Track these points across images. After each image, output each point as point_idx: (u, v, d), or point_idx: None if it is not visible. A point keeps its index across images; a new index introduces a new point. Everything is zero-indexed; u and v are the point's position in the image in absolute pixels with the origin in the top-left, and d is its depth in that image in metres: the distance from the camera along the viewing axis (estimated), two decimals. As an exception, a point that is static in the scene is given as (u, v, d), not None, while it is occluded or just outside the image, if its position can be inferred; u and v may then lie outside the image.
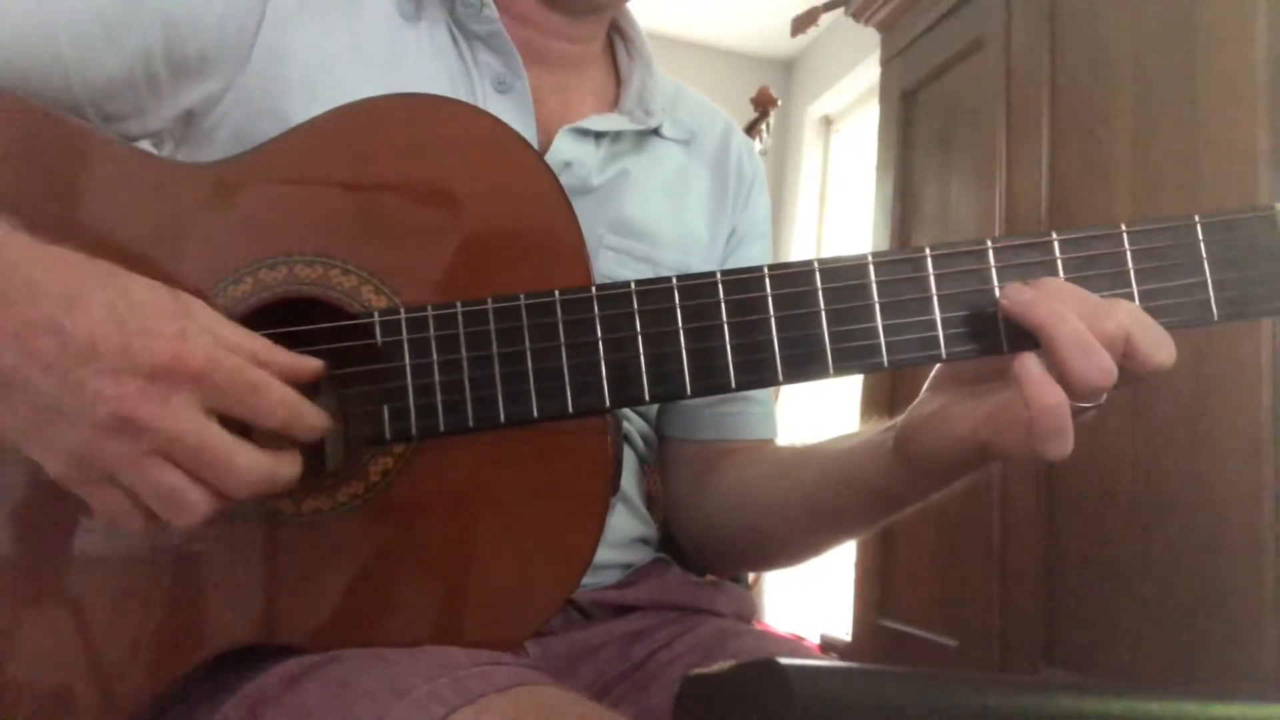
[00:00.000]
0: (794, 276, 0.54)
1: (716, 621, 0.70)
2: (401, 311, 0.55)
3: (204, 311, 0.50)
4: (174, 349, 0.47)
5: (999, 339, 0.53)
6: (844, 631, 1.82)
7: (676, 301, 0.54)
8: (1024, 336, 0.51)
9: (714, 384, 0.54)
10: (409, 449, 0.55)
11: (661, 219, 0.75)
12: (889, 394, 1.62)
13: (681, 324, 0.54)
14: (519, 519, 0.55)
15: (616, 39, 0.81)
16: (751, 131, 2.66)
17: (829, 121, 3.88)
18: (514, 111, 0.68)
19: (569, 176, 0.69)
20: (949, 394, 0.56)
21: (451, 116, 0.59)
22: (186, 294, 0.50)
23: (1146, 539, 1.08)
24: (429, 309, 0.55)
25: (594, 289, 0.55)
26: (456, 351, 0.54)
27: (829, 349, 0.53)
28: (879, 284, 0.53)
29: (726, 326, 0.54)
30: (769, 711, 0.32)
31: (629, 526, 0.73)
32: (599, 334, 0.54)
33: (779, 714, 0.32)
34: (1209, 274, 0.52)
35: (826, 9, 2.38)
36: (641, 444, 0.76)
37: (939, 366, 0.58)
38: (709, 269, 0.57)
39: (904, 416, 0.58)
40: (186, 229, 0.57)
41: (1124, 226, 0.53)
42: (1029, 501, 1.27)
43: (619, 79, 0.80)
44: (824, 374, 0.54)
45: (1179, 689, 0.37)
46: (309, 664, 0.51)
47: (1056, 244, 0.53)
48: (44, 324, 0.46)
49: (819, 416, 3.05)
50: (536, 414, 0.54)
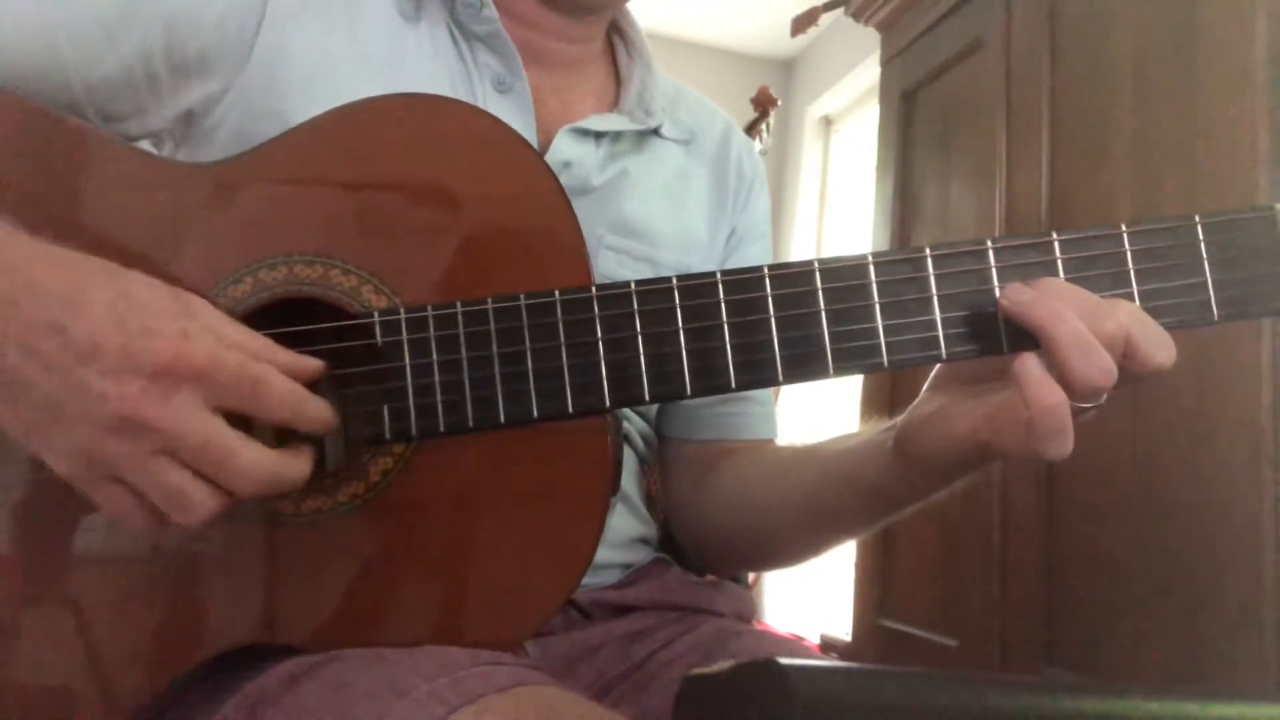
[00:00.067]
0: (794, 276, 0.54)
1: (716, 621, 0.70)
2: (401, 311, 0.55)
3: (206, 310, 0.50)
4: (176, 348, 0.47)
5: (999, 339, 0.53)
6: (844, 631, 1.82)
7: (676, 301, 0.54)
8: (1024, 336, 0.51)
9: (714, 384, 0.54)
10: (409, 449, 0.55)
11: (661, 219, 0.75)
12: (889, 394, 1.62)
13: (681, 324, 0.54)
14: (519, 519, 0.55)
15: (616, 39, 0.81)
16: (751, 131, 2.66)
17: (829, 121, 3.88)
18: (514, 112, 0.68)
19: (569, 176, 0.69)
20: (949, 394, 0.56)
21: (451, 116, 0.59)
22: (188, 293, 0.50)
23: (1146, 539, 1.08)
24: (429, 309, 0.55)
25: (594, 289, 0.55)
26: (456, 351, 0.54)
27: (829, 349, 0.53)
28: (879, 284, 0.53)
29: (726, 326, 0.54)
30: (769, 711, 0.32)
31: (629, 526, 0.73)
32: (599, 334, 0.54)
33: (779, 714, 0.32)
34: (1209, 274, 0.52)
35: (826, 9, 2.38)
36: (641, 444, 0.76)
37: (939, 366, 0.58)
38: (709, 269, 0.57)
39: (904, 416, 0.58)
40: (186, 229, 0.57)
41: (1124, 226, 0.53)
42: (1029, 501, 1.27)
43: (619, 79, 0.79)
44: (824, 374, 0.54)
45: (1179, 689, 0.37)
46: (309, 664, 0.51)
47: (1056, 244, 0.53)
48: (45, 325, 0.46)
49: (819, 416, 3.05)
50: (536, 414, 0.54)
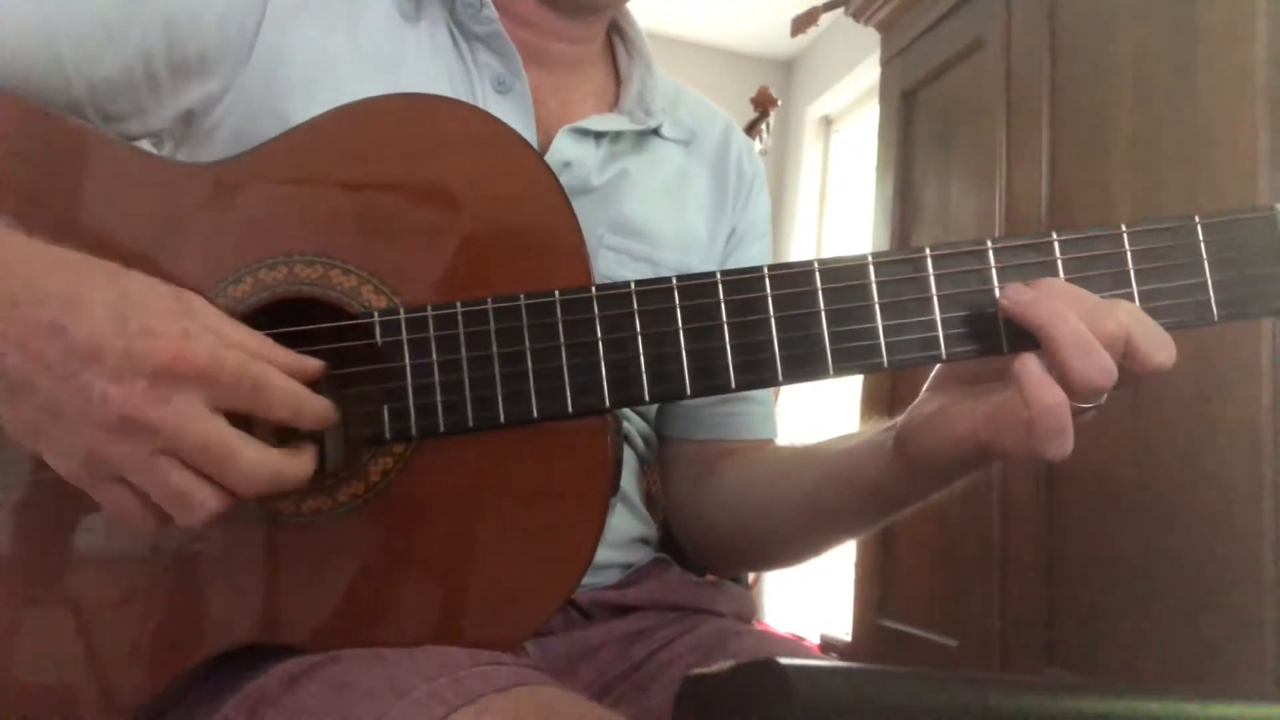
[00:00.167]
0: (794, 276, 0.54)
1: (716, 621, 0.70)
2: (401, 311, 0.55)
3: (206, 310, 0.50)
4: (177, 348, 0.47)
5: (999, 339, 0.53)
6: (844, 631, 1.82)
7: (676, 301, 0.54)
8: (1024, 337, 0.51)
9: (714, 384, 0.54)
10: (409, 449, 0.55)
11: (661, 219, 0.75)
12: (889, 394, 1.62)
13: (681, 324, 0.54)
14: (519, 519, 0.55)
15: (616, 39, 0.81)
16: (751, 131, 2.66)
17: (829, 121, 3.88)
18: (514, 112, 0.68)
19: (569, 176, 0.69)
20: (949, 394, 0.56)
21: (451, 116, 0.59)
22: (188, 292, 0.50)
23: (1146, 539, 1.08)
24: (429, 309, 0.55)
25: (594, 289, 0.55)
26: (456, 351, 0.54)
27: (829, 349, 0.53)
28: (879, 284, 0.53)
29: (726, 326, 0.54)
30: (769, 711, 0.32)
31: (629, 526, 0.73)
32: (599, 334, 0.54)
33: (779, 714, 0.32)
34: (1209, 274, 0.52)
35: (826, 9, 2.38)
36: (641, 444, 0.76)
37: (939, 366, 0.58)
38: (709, 269, 0.57)
39: (904, 416, 0.58)
40: (186, 229, 0.57)
41: (1124, 226, 0.53)
42: (1029, 501, 1.27)
43: (619, 79, 0.79)
44: (824, 374, 0.54)
45: (1179, 689, 0.37)
46: (309, 664, 0.51)
47: (1056, 244, 0.53)
48: (46, 326, 0.46)
49: (819, 416, 3.04)
50: (536, 414, 0.54)
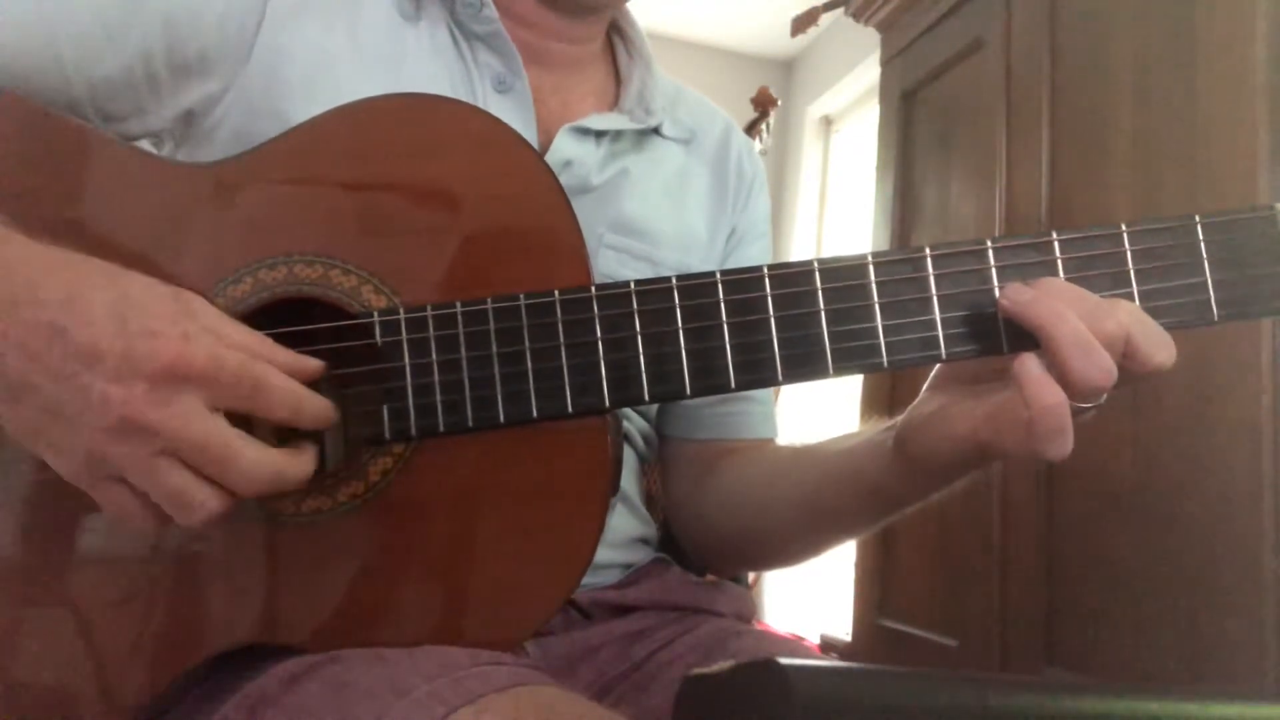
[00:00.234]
0: (794, 276, 0.54)
1: (716, 621, 0.70)
2: (401, 311, 0.55)
3: (206, 310, 0.50)
4: (177, 350, 0.47)
5: (999, 339, 0.53)
6: (844, 631, 1.82)
7: (676, 301, 0.54)
8: (1024, 336, 0.51)
9: (714, 384, 0.54)
10: (408, 449, 0.55)
11: (662, 218, 0.75)
12: (889, 394, 1.62)
13: (681, 324, 0.54)
14: (519, 519, 0.55)
15: (616, 39, 0.81)
16: (751, 131, 2.66)
17: (829, 121, 3.88)
18: (514, 111, 0.68)
19: (569, 175, 0.69)
20: (949, 394, 0.56)
21: (451, 116, 0.59)
22: (188, 292, 0.50)
23: (1146, 538, 1.08)
24: (428, 309, 0.55)
25: (593, 289, 0.55)
26: (456, 351, 0.54)
27: (829, 349, 0.53)
28: (879, 284, 0.53)
29: (726, 326, 0.54)
30: (769, 711, 0.32)
31: (629, 526, 0.73)
32: (598, 334, 0.54)
33: (779, 714, 0.32)
34: (1209, 274, 0.52)
35: (826, 9, 2.38)
36: (642, 443, 0.76)
37: (939, 366, 0.58)
38: (709, 269, 0.57)
39: (904, 416, 0.58)
40: (186, 229, 0.57)
41: (1124, 226, 0.53)
42: (1029, 501, 1.27)
43: (619, 79, 0.79)
44: (824, 374, 0.54)
45: (1179, 689, 0.37)
46: (309, 664, 0.51)
47: (1056, 244, 0.53)
48: (46, 327, 0.46)
49: (819, 416, 3.04)
50: (536, 414, 0.54)
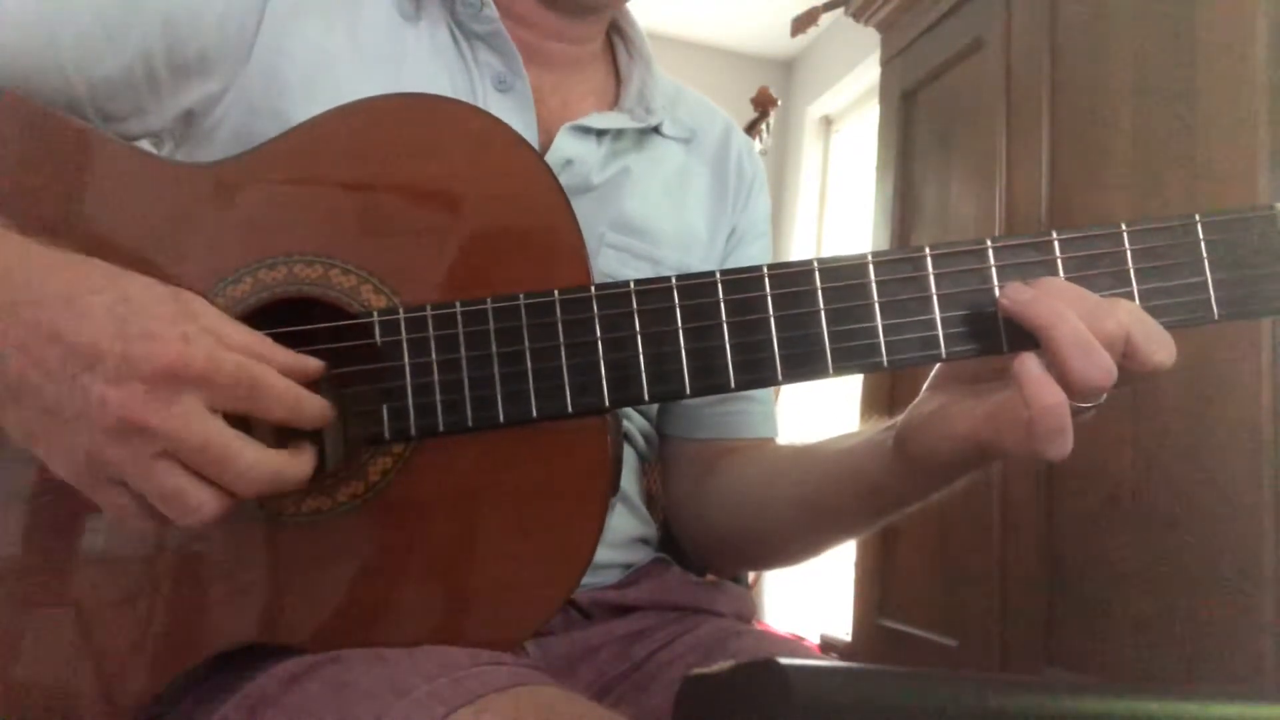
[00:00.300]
0: (793, 276, 0.54)
1: (716, 621, 0.70)
2: (400, 311, 0.55)
3: (205, 311, 0.50)
4: (176, 352, 0.47)
5: (999, 339, 0.53)
6: (844, 631, 1.82)
7: (676, 301, 0.54)
8: (1024, 336, 0.51)
9: (713, 384, 0.54)
10: (408, 449, 0.55)
11: (662, 217, 0.75)
12: (889, 394, 1.62)
13: (681, 324, 0.54)
14: (518, 519, 0.55)
15: (616, 39, 0.81)
16: (751, 131, 2.66)
17: (829, 121, 3.88)
18: (514, 110, 0.68)
19: (570, 174, 0.69)
20: (949, 393, 0.56)
21: (451, 116, 0.59)
22: (187, 293, 0.50)
23: (1146, 539, 1.08)
24: (428, 309, 0.55)
25: (593, 289, 0.55)
26: (455, 351, 0.54)
27: (828, 349, 0.53)
28: (879, 284, 0.53)
29: (726, 326, 0.54)
30: (769, 711, 0.32)
31: (629, 526, 0.73)
32: (598, 334, 0.54)
33: (779, 714, 0.32)
34: (1209, 273, 0.52)
35: (826, 9, 2.38)
36: (642, 442, 0.76)
37: (939, 366, 0.58)
38: (709, 268, 0.57)
39: (904, 416, 0.58)
40: (186, 229, 0.57)
41: (1124, 226, 0.53)
42: (1029, 501, 1.27)
43: (619, 78, 0.79)
44: (824, 374, 0.54)
45: (1179, 689, 0.37)
46: (309, 664, 0.51)
47: (1056, 244, 0.53)
48: (46, 330, 0.46)
49: (819, 416, 3.04)
50: (535, 414, 0.54)
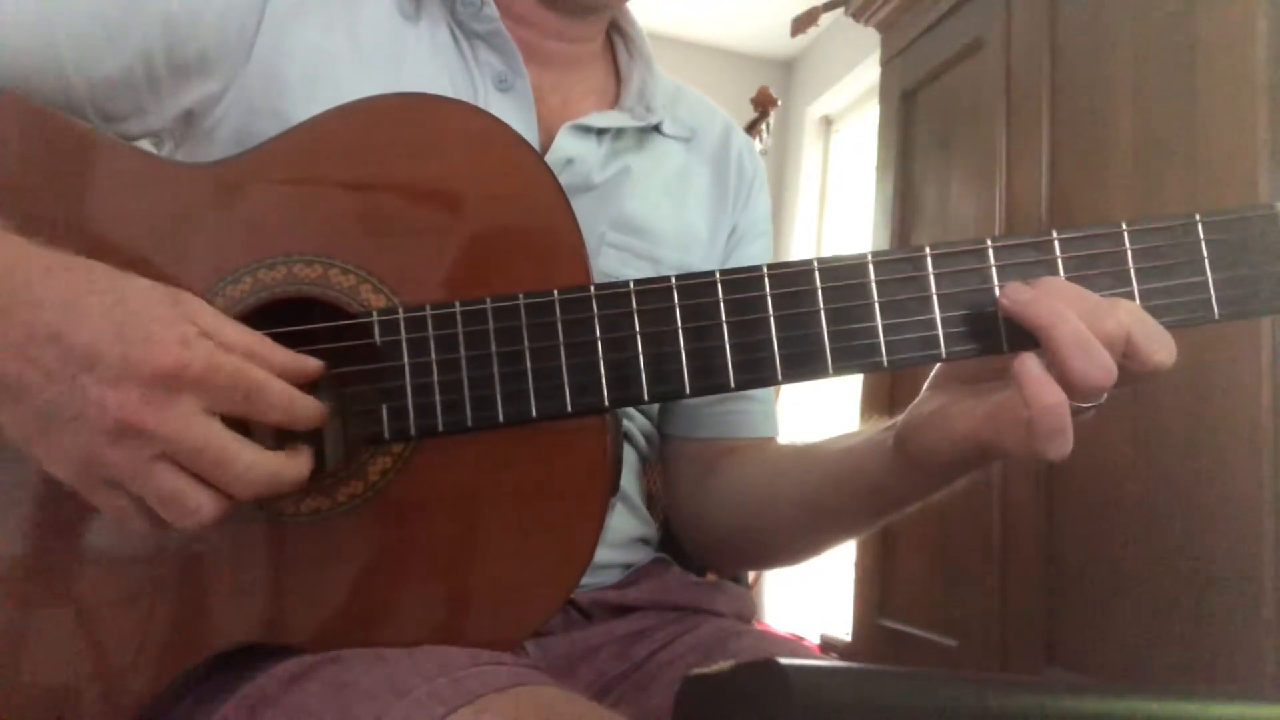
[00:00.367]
0: (793, 276, 0.54)
1: (716, 621, 0.70)
2: (400, 311, 0.55)
3: (204, 312, 0.50)
4: (174, 355, 0.47)
5: (999, 339, 0.53)
6: (844, 631, 1.82)
7: (675, 301, 0.54)
8: (1024, 336, 0.51)
9: (713, 383, 0.54)
10: (408, 449, 0.55)
11: (663, 217, 0.75)
12: (889, 394, 1.62)
13: (680, 323, 0.54)
14: (518, 519, 0.55)
15: (616, 38, 0.81)
16: (751, 131, 2.66)
17: (829, 121, 3.88)
18: (515, 110, 0.68)
19: (570, 174, 0.69)
20: (949, 393, 0.56)
21: (451, 116, 0.59)
22: (186, 294, 0.50)
23: (1146, 539, 1.08)
24: (427, 308, 0.55)
25: (593, 288, 0.55)
26: (455, 351, 0.54)
27: (828, 348, 0.53)
28: (879, 283, 0.53)
29: (726, 326, 0.54)
30: (769, 711, 0.32)
31: (629, 526, 0.73)
32: (598, 333, 0.54)
33: (779, 714, 0.32)
34: (1210, 273, 0.52)
35: (826, 9, 2.38)
36: (643, 442, 0.76)
37: (939, 366, 0.58)
38: (709, 268, 0.57)
39: (904, 415, 0.58)
40: (186, 229, 0.57)
41: (1124, 226, 0.53)
42: (1029, 501, 1.27)
43: (619, 78, 0.79)
44: (823, 373, 0.53)
45: (1179, 689, 0.37)
46: (309, 664, 0.51)
47: (1056, 243, 0.53)
48: (44, 332, 0.46)
49: (819, 416, 3.04)
50: (535, 414, 0.54)
